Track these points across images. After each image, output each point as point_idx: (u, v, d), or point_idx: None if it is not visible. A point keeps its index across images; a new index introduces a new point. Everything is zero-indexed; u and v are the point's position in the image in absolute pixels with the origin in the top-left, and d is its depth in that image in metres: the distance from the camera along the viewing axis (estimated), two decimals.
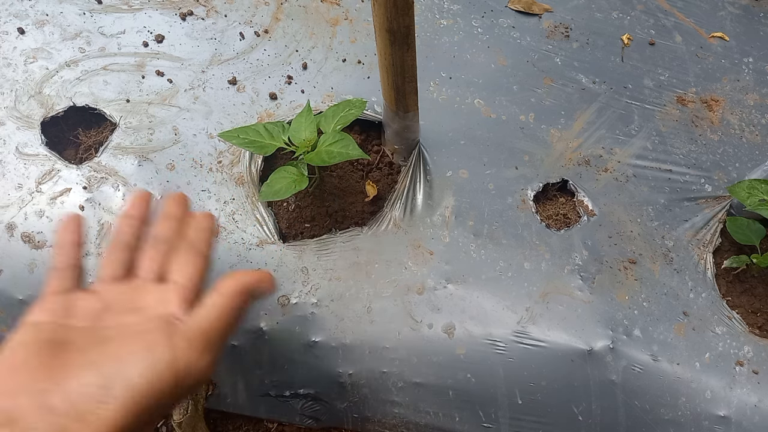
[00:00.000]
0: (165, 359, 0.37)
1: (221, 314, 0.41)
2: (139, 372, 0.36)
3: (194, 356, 0.38)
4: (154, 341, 0.38)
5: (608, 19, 0.97)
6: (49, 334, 0.40)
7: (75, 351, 0.38)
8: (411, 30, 0.60)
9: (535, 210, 0.82)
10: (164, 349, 0.37)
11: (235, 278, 0.43)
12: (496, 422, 0.73)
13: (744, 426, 0.71)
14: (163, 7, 0.91)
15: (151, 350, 0.37)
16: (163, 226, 0.50)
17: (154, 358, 0.36)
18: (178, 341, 0.38)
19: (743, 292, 0.79)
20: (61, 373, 0.36)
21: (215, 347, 0.40)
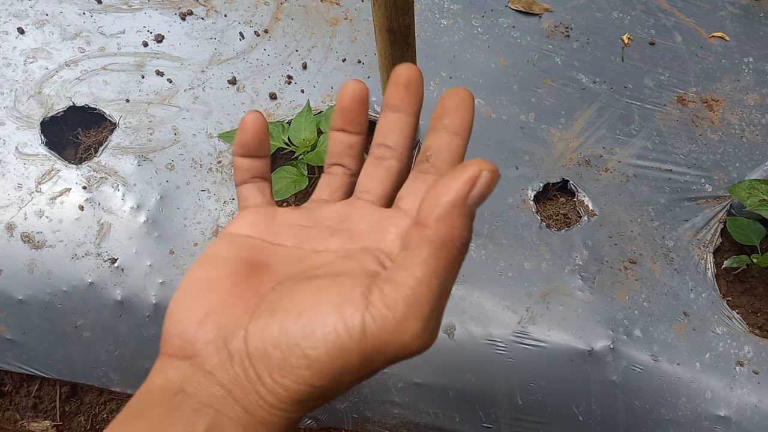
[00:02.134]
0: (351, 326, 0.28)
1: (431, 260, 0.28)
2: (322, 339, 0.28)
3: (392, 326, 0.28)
4: (347, 294, 0.29)
5: (608, 19, 0.97)
6: (248, 250, 0.34)
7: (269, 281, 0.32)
8: (411, 30, 0.60)
9: (536, 210, 0.82)
10: (354, 310, 0.28)
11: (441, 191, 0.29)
12: (496, 422, 0.73)
13: (744, 426, 0.71)
14: (162, 7, 0.91)
15: (338, 308, 0.28)
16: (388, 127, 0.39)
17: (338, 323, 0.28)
18: (375, 301, 0.28)
19: (743, 292, 0.79)
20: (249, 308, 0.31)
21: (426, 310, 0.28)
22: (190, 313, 0.31)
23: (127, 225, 0.77)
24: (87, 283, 0.75)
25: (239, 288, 0.31)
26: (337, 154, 0.39)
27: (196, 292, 0.32)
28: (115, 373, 0.75)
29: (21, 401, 0.83)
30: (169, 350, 0.31)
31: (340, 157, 0.39)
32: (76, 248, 0.76)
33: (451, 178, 0.28)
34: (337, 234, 0.35)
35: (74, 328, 0.75)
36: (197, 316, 0.31)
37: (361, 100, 0.39)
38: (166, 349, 0.31)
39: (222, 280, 0.32)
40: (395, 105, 0.38)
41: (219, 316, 0.30)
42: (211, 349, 0.29)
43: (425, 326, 0.28)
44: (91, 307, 0.75)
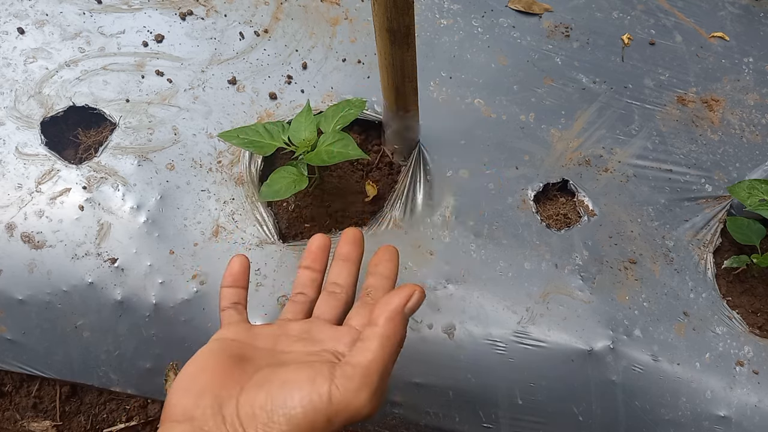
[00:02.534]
0: (322, 392, 0.38)
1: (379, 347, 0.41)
2: (299, 401, 0.38)
3: (350, 392, 0.39)
4: (316, 372, 0.40)
5: (608, 19, 0.97)
6: (234, 349, 0.44)
7: (253, 367, 0.42)
8: (411, 30, 0.60)
9: (536, 210, 0.82)
10: (323, 382, 0.39)
11: (383, 305, 0.43)
12: (496, 422, 0.73)
13: (744, 426, 0.71)
14: (162, 7, 0.91)
15: (312, 381, 0.39)
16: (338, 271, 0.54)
17: (312, 390, 0.38)
18: (338, 376, 0.39)
19: (743, 292, 0.79)
20: (238, 386, 0.40)
21: (374, 383, 0.40)
22: (190, 389, 0.41)
23: (127, 225, 0.77)
24: (87, 283, 0.75)
25: (229, 372, 0.42)
26: (302, 286, 0.54)
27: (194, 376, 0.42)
28: (115, 373, 0.75)
29: (21, 401, 0.83)
30: (172, 417, 0.40)
31: (304, 287, 0.54)
32: (76, 248, 0.76)
33: (395, 293, 0.43)
34: (302, 341, 0.46)
35: (74, 328, 0.75)
36: (196, 391, 0.40)
37: (325, 248, 0.56)
38: (169, 417, 0.40)
39: (215, 367, 0.42)
40: (344, 256, 0.55)
41: (214, 391, 0.40)
42: (208, 413, 0.39)
43: (374, 394, 0.39)
44: (91, 307, 0.75)
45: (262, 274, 0.76)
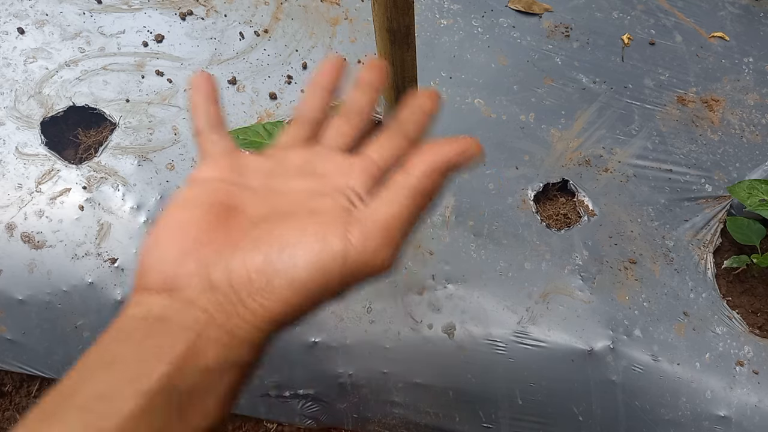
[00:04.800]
0: (334, 252, 0.32)
1: (408, 200, 0.33)
2: (305, 263, 0.32)
3: (369, 252, 0.32)
4: (326, 227, 0.33)
5: (608, 19, 0.97)
6: (220, 193, 0.36)
7: (245, 220, 0.35)
8: (411, 30, 0.60)
9: (536, 210, 0.82)
10: (336, 239, 0.32)
11: (431, 152, 0.35)
12: (496, 422, 0.73)
13: (744, 426, 0.71)
14: (162, 7, 0.91)
15: (321, 238, 0.32)
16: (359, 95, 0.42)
17: (322, 249, 0.32)
18: (354, 232, 0.32)
19: (743, 292, 0.79)
20: (228, 244, 0.33)
21: (396, 240, 0.33)
22: (169, 251, 0.33)
23: (127, 225, 0.77)
24: (87, 283, 0.75)
25: (216, 227, 0.34)
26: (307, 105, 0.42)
27: (173, 231, 0.34)
28: None
29: (21, 401, 0.83)
30: (147, 284, 0.32)
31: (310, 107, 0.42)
32: (76, 248, 0.76)
33: (446, 143, 0.34)
34: (304, 175, 0.37)
35: (74, 328, 0.75)
36: (177, 252, 0.33)
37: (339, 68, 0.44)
38: (144, 284, 0.32)
39: (198, 220, 0.34)
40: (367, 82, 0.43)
41: (199, 251, 0.32)
42: (193, 280, 0.32)
43: (393, 253, 0.33)
44: (91, 307, 0.75)
45: None
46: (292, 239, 0.32)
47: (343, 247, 0.32)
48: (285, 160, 0.39)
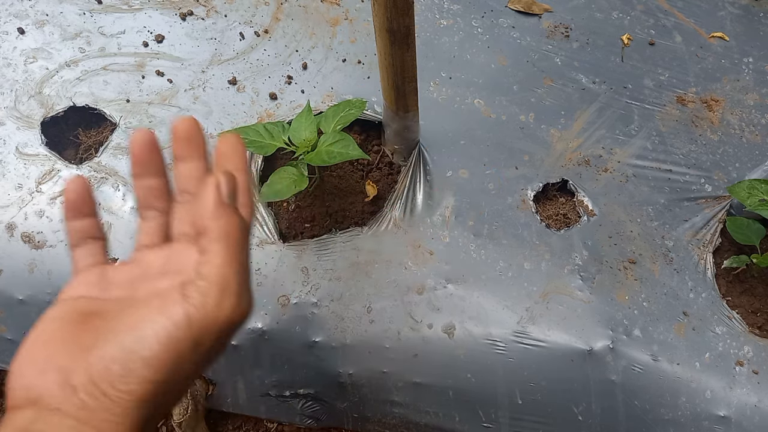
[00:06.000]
0: (176, 319, 0.33)
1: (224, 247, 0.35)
2: (153, 337, 0.33)
3: (211, 308, 0.33)
4: (165, 300, 0.34)
5: (608, 19, 0.97)
6: (82, 306, 0.37)
7: (102, 322, 0.36)
8: (411, 30, 0.60)
9: (535, 210, 0.82)
10: (175, 307, 0.33)
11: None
12: (496, 422, 0.73)
13: (744, 426, 0.71)
14: (163, 7, 0.91)
15: (163, 311, 0.33)
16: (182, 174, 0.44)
17: (166, 320, 0.33)
18: (191, 295, 0.34)
19: (743, 292, 0.79)
20: (85, 347, 0.34)
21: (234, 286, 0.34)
22: (30, 366, 0.35)
23: (127, 225, 0.77)
24: None
25: (75, 337, 0.35)
26: (145, 199, 0.44)
27: (34, 349, 0.36)
28: None
29: None
30: (14, 403, 0.34)
31: (148, 201, 0.44)
32: None
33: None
34: (166, 275, 0.39)
35: None
36: (37, 367, 0.34)
37: (151, 146, 0.44)
38: (11, 403, 0.34)
39: (57, 336, 0.36)
40: (184, 156, 0.44)
41: (59, 362, 0.34)
42: (54, 389, 0.33)
43: (239, 299, 0.34)
44: None
45: (262, 273, 0.76)
46: (138, 322, 0.34)
47: (183, 312, 0.33)
48: (148, 265, 0.41)
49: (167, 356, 0.33)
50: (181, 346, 0.33)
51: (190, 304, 0.33)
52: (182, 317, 0.33)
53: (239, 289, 0.35)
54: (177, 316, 0.33)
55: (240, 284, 0.35)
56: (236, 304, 0.34)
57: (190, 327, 0.33)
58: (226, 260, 0.35)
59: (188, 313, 0.33)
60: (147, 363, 0.32)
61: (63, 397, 0.33)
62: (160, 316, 0.33)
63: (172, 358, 0.33)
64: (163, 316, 0.33)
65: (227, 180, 0.37)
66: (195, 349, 0.33)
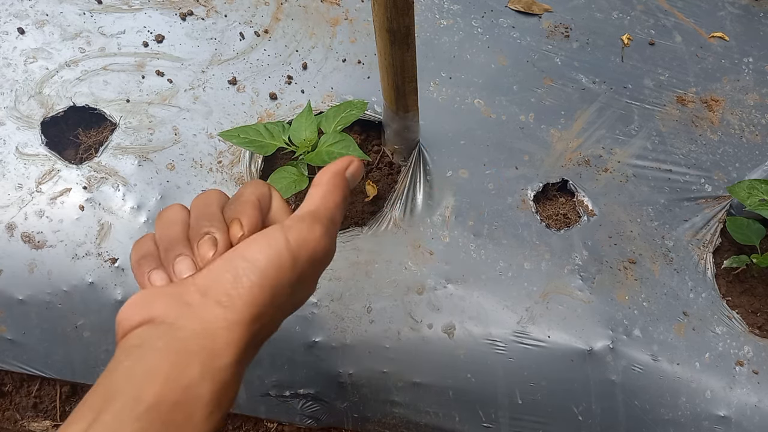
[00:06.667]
0: (277, 237, 0.39)
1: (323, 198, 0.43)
2: (259, 252, 0.38)
3: (304, 230, 0.40)
4: (269, 231, 0.40)
5: (608, 19, 0.97)
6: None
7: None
8: (411, 30, 0.60)
9: (535, 210, 0.82)
10: (275, 231, 0.39)
11: (326, 168, 0.46)
12: (496, 422, 0.73)
13: (744, 426, 0.71)
14: (163, 7, 0.91)
15: (264, 235, 0.39)
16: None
17: (270, 239, 0.39)
18: (287, 222, 0.41)
19: (743, 292, 0.79)
20: (190, 278, 0.38)
21: (324, 222, 0.41)
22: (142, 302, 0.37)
23: (127, 225, 0.77)
24: (87, 283, 0.75)
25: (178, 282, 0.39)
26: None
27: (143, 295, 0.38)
28: None
29: (21, 401, 0.83)
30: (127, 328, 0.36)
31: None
32: (76, 248, 0.76)
33: (336, 161, 0.46)
34: None
35: (74, 328, 0.75)
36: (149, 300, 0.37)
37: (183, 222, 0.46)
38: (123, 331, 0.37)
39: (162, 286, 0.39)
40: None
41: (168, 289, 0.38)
42: (168, 308, 0.36)
43: (327, 232, 0.41)
44: (92, 307, 0.75)
45: None
46: (240, 245, 0.39)
47: (282, 233, 0.39)
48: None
49: (271, 266, 0.37)
50: (282, 259, 0.38)
51: (287, 227, 0.40)
52: (281, 237, 0.39)
53: (327, 226, 0.42)
54: (277, 236, 0.39)
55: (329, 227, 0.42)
56: (324, 234, 0.41)
57: (288, 244, 0.39)
58: (322, 204, 0.43)
59: (286, 234, 0.39)
60: (254, 269, 0.37)
61: (178, 312, 0.36)
62: (264, 239, 0.39)
63: (275, 267, 0.38)
64: (267, 239, 0.39)
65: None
66: (293, 264, 0.39)
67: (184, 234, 0.42)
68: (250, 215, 0.42)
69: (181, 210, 0.44)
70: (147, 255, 0.42)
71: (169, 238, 0.42)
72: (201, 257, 0.40)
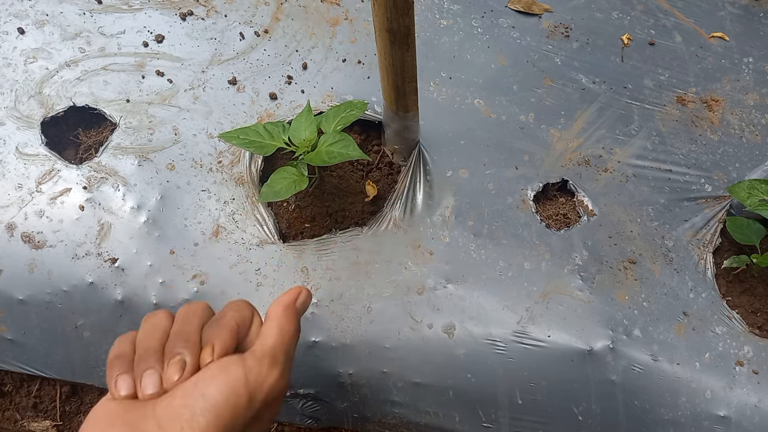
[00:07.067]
0: (238, 376, 0.42)
1: (278, 333, 0.47)
2: (217, 389, 0.40)
3: (263, 370, 0.43)
4: (228, 363, 0.43)
5: (608, 19, 0.97)
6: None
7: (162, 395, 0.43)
8: (411, 30, 0.60)
9: (535, 210, 0.82)
10: (236, 368, 0.42)
11: (278, 303, 0.50)
12: (496, 422, 0.73)
13: (744, 426, 0.71)
14: (163, 7, 0.91)
15: (225, 370, 0.42)
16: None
17: (228, 377, 0.41)
18: (248, 360, 0.44)
19: (743, 292, 0.79)
20: (151, 405, 0.41)
21: (281, 361, 0.45)
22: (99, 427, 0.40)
23: (127, 225, 0.77)
24: (87, 283, 0.75)
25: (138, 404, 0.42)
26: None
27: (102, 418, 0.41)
28: None
29: (21, 401, 0.83)
30: None
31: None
32: (76, 248, 0.76)
33: (286, 293, 0.52)
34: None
35: (74, 328, 0.75)
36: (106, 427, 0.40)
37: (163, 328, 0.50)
38: None
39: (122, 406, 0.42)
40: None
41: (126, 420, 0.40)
42: None
43: (282, 372, 0.45)
44: (92, 307, 0.75)
45: (262, 274, 0.76)
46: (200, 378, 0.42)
47: (243, 371, 0.42)
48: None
49: (228, 406, 0.40)
50: (239, 400, 0.41)
51: (247, 366, 0.43)
52: (242, 376, 0.42)
53: (284, 364, 0.46)
54: (237, 374, 0.42)
55: (285, 363, 0.46)
56: (280, 375, 0.45)
57: (247, 384, 0.42)
58: (279, 342, 0.46)
59: (246, 373, 0.42)
60: (211, 409, 0.40)
61: None
62: (224, 374, 0.41)
63: (231, 408, 0.40)
64: (227, 375, 0.41)
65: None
66: (249, 404, 0.41)
67: (161, 344, 0.45)
68: (224, 340, 0.45)
69: (166, 318, 0.48)
70: (121, 356, 0.45)
71: (146, 347, 0.45)
72: (167, 378, 0.43)
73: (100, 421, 0.41)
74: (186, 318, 0.47)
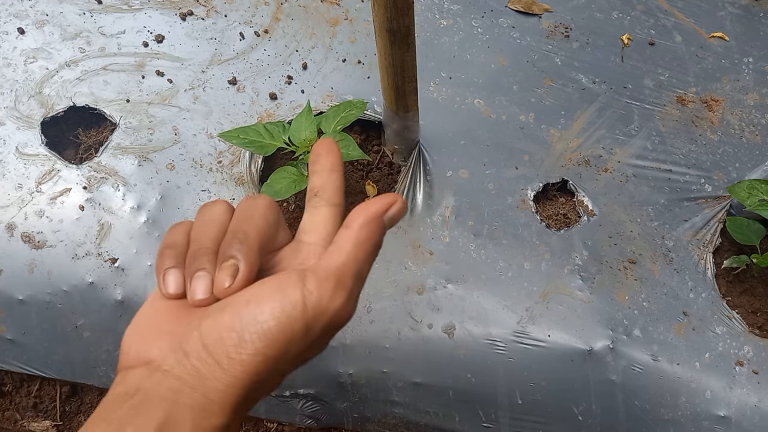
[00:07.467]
0: (294, 300, 0.35)
1: (353, 250, 0.38)
2: (270, 312, 0.35)
3: (325, 296, 0.35)
4: (286, 283, 0.36)
5: (608, 19, 0.97)
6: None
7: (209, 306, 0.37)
8: (411, 30, 0.60)
9: (535, 210, 0.82)
10: (294, 290, 0.35)
11: (363, 209, 0.39)
12: (496, 422, 0.73)
13: (744, 426, 0.71)
14: (163, 7, 0.91)
15: (282, 291, 0.35)
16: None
17: (284, 299, 0.35)
18: (309, 281, 0.36)
19: (743, 292, 0.79)
20: (197, 317, 0.36)
21: (349, 285, 0.37)
22: (144, 334, 0.37)
23: (127, 225, 0.77)
24: (87, 283, 0.75)
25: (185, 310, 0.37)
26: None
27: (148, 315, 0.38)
28: (115, 372, 0.75)
29: (21, 401, 0.83)
30: (126, 364, 0.36)
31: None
32: (76, 248, 0.76)
33: (376, 200, 0.39)
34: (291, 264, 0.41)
35: (74, 328, 0.75)
36: (151, 334, 0.36)
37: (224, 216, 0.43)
38: (124, 364, 0.36)
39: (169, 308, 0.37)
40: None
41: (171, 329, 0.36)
42: (166, 352, 0.35)
43: (349, 297, 0.37)
44: (92, 307, 0.75)
45: None
46: (254, 296, 0.35)
47: (301, 295, 0.35)
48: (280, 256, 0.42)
49: (281, 334, 0.34)
50: (295, 327, 0.34)
51: (307, 289, 0.35)
52: (299, 300, 0.35)
53: (352, 291, 0.37)
54: (294, 298, 0.35)
55: (354, 288, 0.37)
56: (346, 301, 0.36)
57: (305, 311, 0.35)
58: (351, 260, 0.37)
59: (305, 297, 0.35)
60: (262, 336, 0.34)
61: (175, 360, 0.34)
62: (279, 296, 0.35)
63: (285, 336, 0.34)
64: (282, 297, 0.35)
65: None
66: (305, 334, 0.35)
67: (216, 244, 0.39)
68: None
69: (225, 212, 0.41)
70: (174, 247, 0.39)
71: (200, 243, 0.39)
72: (218, 284, 0.37)
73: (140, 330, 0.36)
74: (245, 214, 0.40)
